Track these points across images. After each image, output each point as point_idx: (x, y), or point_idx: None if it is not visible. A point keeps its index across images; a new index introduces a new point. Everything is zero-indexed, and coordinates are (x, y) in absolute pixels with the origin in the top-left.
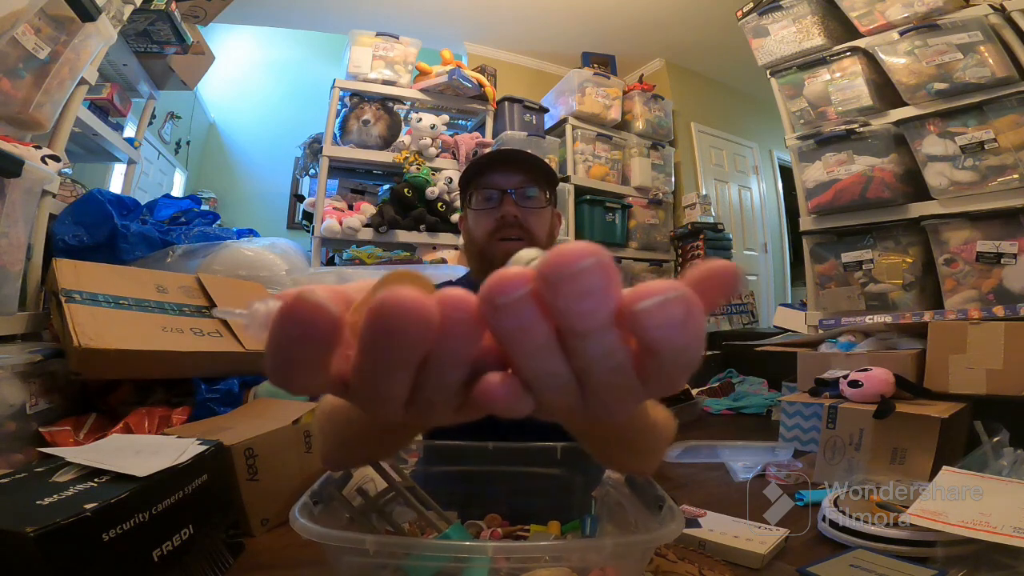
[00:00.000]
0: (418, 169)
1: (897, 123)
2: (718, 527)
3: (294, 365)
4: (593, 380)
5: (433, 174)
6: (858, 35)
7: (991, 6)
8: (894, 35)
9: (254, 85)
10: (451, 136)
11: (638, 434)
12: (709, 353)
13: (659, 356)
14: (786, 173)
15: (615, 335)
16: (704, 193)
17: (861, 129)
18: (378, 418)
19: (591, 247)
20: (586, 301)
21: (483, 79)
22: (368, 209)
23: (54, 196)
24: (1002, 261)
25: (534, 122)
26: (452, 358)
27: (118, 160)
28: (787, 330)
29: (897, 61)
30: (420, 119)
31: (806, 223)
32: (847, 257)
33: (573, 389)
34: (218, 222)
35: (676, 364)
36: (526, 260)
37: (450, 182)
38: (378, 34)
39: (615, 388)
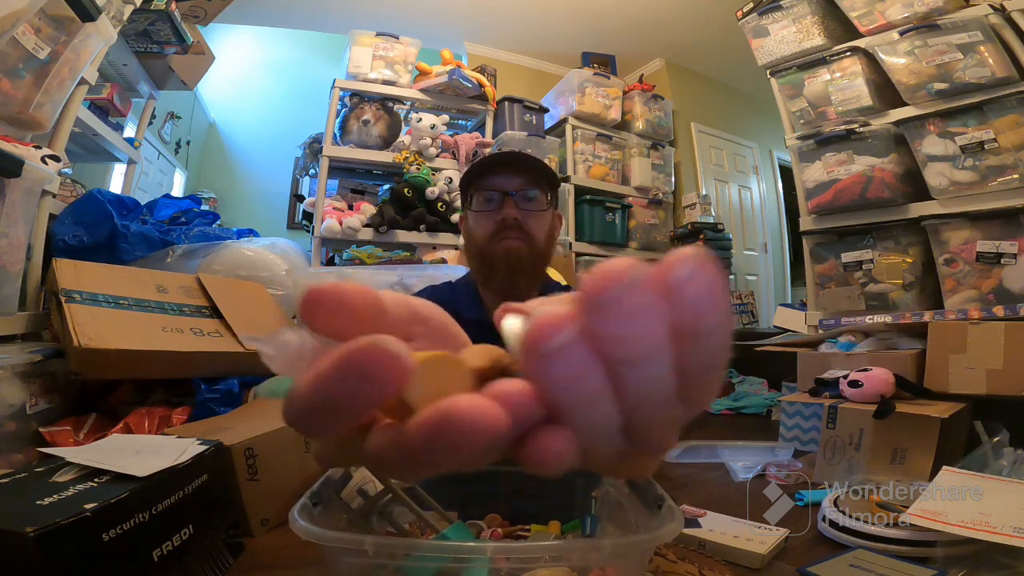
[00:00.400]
0: (418, 169)
1: (897, 123)
2: (718, 527)
3: (338, 417)
4: (641, 418)
5: (433, 174)
6: (858, 35)
7: (991, 6)
8: (894, 35)
9: (254, 85)
10: (451, 136)
11: None
12: None
13: (698, 340)
14: (786, 173)
15: (667, 358)
16: (704, 193)
17: (861, 129)
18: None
19: (629, 260)
20: (641, 318)
21: (483, 79)
22: (368, 209)
23: (54, 196)
24: (1002, 261)
25: (534, 122)
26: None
27: (118, 160)
28: (787, 330)
29: (897, 61)
30: (420, 119)
31: (806, 223)
32: (847, 257)
33: (620, 431)
34: (218, 222)
35: (713, 352)
36: (518, 333)
37: (450, 182)
38: (378, 34)
39: (663, 421)
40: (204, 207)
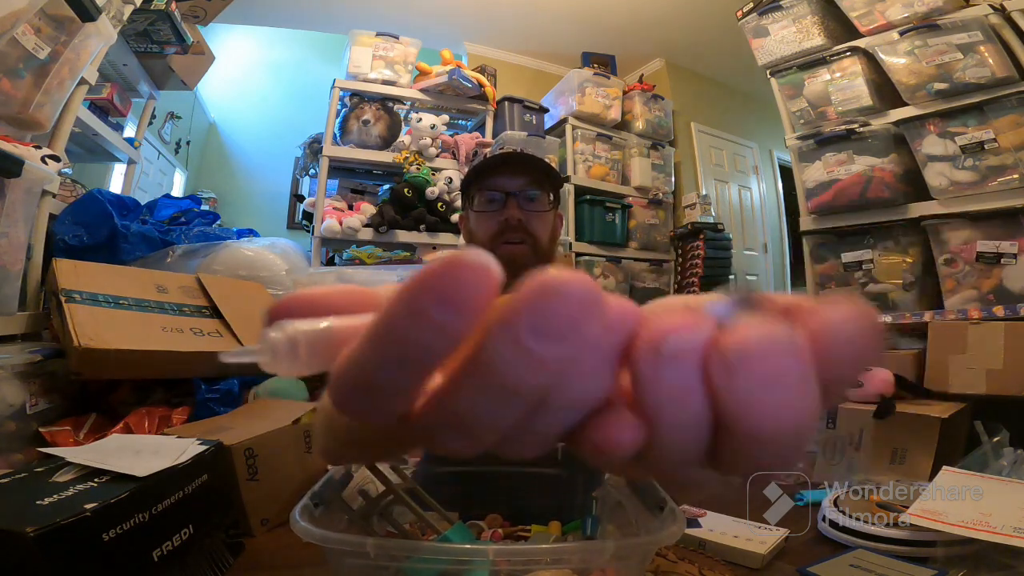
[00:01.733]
0: (418, 169)
1: (897, 123)
2: (718, 527)
3: (411, 371)
4: (744, 446)
5: (433, 174)
6: (858, 35)
7: (991, 6)
8: (894, 35)
9: (254, 85)
10: (451, 136)
11: None
12: None
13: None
14: (786, 173)
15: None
16: (704, 193)
17: (861, 129)
18: (458, 450)
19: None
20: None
21: (483, 79)
22: (368, 209)
23: (54, 196)
24: (1002, 261)
25: (534, 122)
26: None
27: (118, 160)
28: None
29: (897, 61)
30: (420, 119)
31: (806, 223)
32: (847, 257)
33: (705, 453)
34: (218, 222)
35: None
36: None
37: (450, 182)
38: (378, 34)
39: (768, 452)
40: (204, 207)
